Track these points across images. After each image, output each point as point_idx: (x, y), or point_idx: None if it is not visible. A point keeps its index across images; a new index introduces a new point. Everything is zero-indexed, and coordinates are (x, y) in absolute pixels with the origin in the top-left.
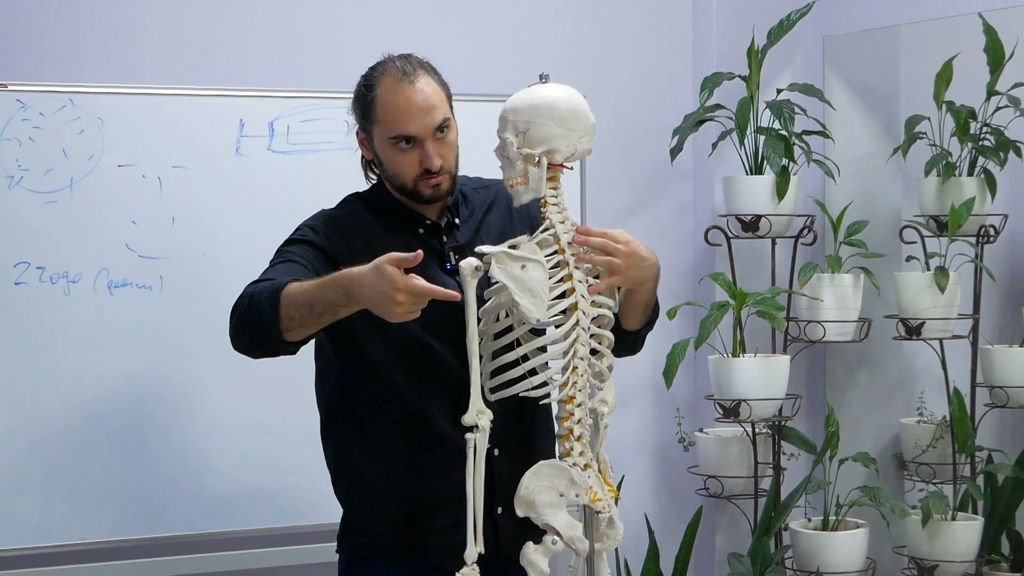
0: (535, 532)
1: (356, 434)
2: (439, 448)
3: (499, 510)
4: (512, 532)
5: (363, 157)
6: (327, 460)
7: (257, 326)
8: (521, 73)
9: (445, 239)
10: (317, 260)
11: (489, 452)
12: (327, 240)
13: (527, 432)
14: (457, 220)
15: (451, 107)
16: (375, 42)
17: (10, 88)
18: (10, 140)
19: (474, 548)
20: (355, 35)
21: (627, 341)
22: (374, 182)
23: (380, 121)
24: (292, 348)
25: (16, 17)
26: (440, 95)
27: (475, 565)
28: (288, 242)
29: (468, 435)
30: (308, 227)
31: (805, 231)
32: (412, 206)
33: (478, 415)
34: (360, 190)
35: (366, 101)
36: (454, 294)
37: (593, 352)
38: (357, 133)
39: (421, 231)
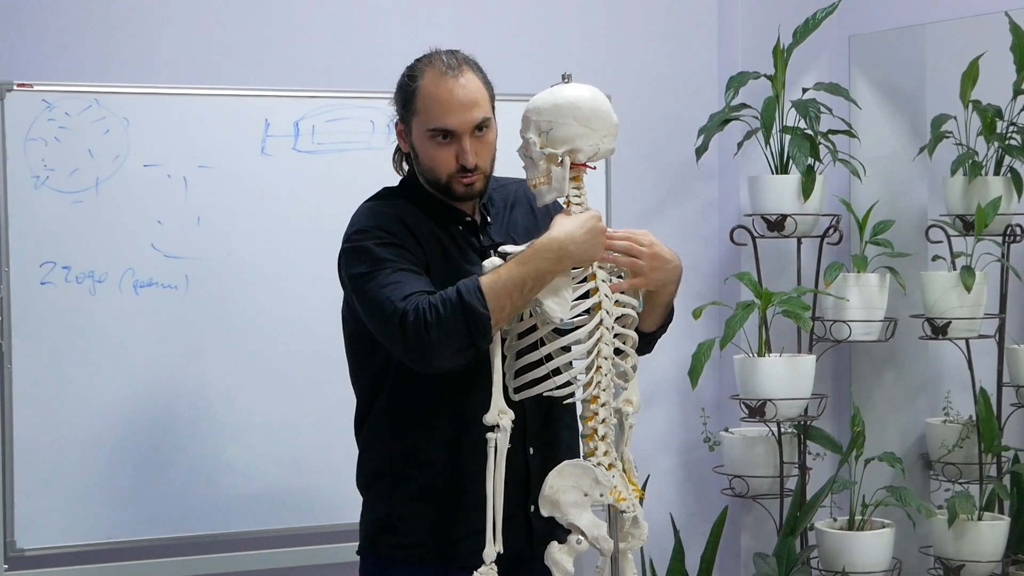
0: (568, 531)
1: (394, 436)
2: (478, 449)
3: (532, 508)
4: (546, 531)
5: (396, 150)
6: (363, 462)
7: (467, 329)
8: (544, 73)
9: (481, 237)
10: (414, 263)
11: (524, 451)
12: (404, 242)
13: (562, 431)
14: (489, 218)
15: (493, 108)
16: (400, 42)
17: (36, 88)
18: (36, 140)
19: (492, 548)
20: (380, 35)
21: (644, 341)
22: (403, 176)
23: (420, 112)
24: (488, 345)
25: (41, 17)
26: (483, 94)
27: (493, 565)
28: (379, 246)
29: (489, 435)
30: (384, 230)
31: (831, 230)
32: (448, 202)
33: (499, 415)
34: (393, 185)
35: (408, 92)
36: None
37: (617, 352)
38: (396, 124)
39: (460, 228)
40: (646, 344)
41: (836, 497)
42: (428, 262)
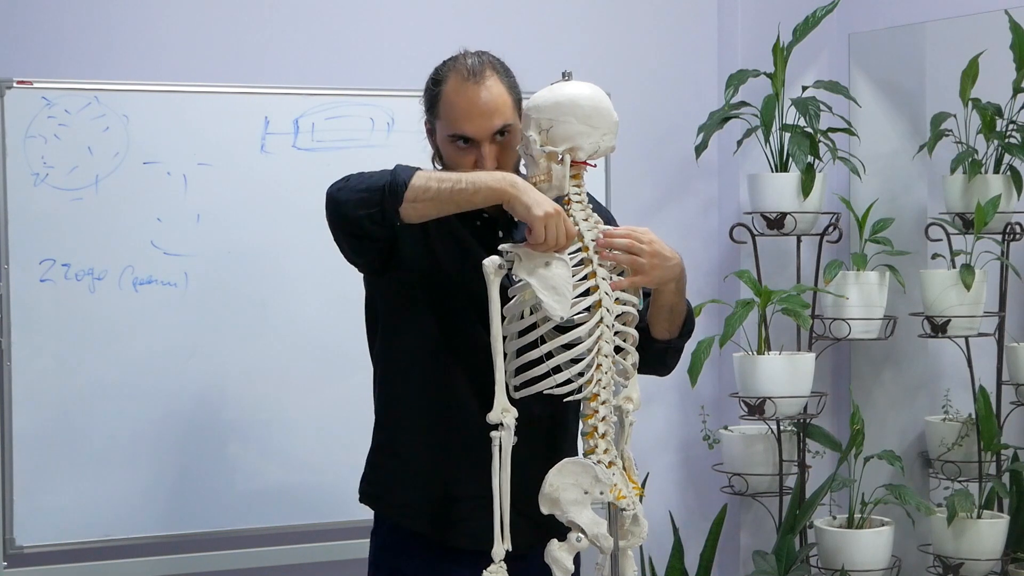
0: (546, 523)
1: (391, 409)
2: (467, 431)
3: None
4: (515, 520)
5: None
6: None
7: (381, 186)
8: (544, 70)
9: (501, 234)
10: None
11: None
12: None
13: (548, 420)
14: (516, 218)
15: (520, 112)
16: (400, 40)
17: (35, 86)
18: (35, 137)
19: (500, 546)
20: (380, 33)
21: (656, 349)
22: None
23: (442, 118)
24: (394, 223)
25: (41, 15)
26: (505, 99)
27: (502, 563)
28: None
29: (493, 433)
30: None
31: (830, 228)
32: None
33: (503, 413)
34: None
35: (433, 95)
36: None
37: (617, 349)
38: (425, 123)
39: (478, 223)
40: (664, 353)
41: (835, 495)
42: (436, 249)
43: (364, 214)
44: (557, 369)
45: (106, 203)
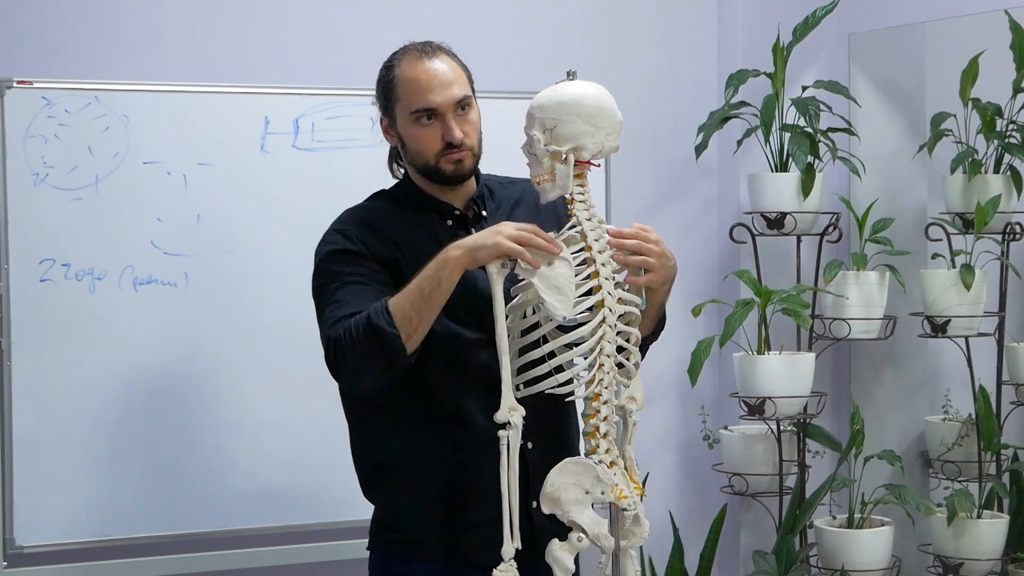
0: (570, 528)
1: (391, 431)
2: (475, 443)
3: (534, 504)
4: (548, 527)
5: (390, 151)
6: (357, 458)
7: (380, 349)
8: (548, 70)
9: (473, 231)
10: (368, 269)
11: (523, 446)
12: (363, 244)
13: (561, 425)
14: (484, 212)
15: (473, 92)
16: (400, 39)
17: (35, 85)
18: (36, 137)
19: (511, 544)
20: (380, 32)
21: None
22: (399, 178)
23: (402, 98)
24: (411, 359)
25: (41, 15)
26: (460, 74)
27: (512, 561)
28: (330, 257)
29: (501, 432)
30: (342, 235)
31: (830, 228)
32: (438, 195)
33: (510, 412)
34: (386, 187)
35: (387, 82)
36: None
37: (620, 349)
38: (381, 121)
39: (450, 223)
40: (644, 352)
41: (835, 495)
42: (401, 258)
43: (386, 378)
44: (559, 369)
45: (106, 203)
